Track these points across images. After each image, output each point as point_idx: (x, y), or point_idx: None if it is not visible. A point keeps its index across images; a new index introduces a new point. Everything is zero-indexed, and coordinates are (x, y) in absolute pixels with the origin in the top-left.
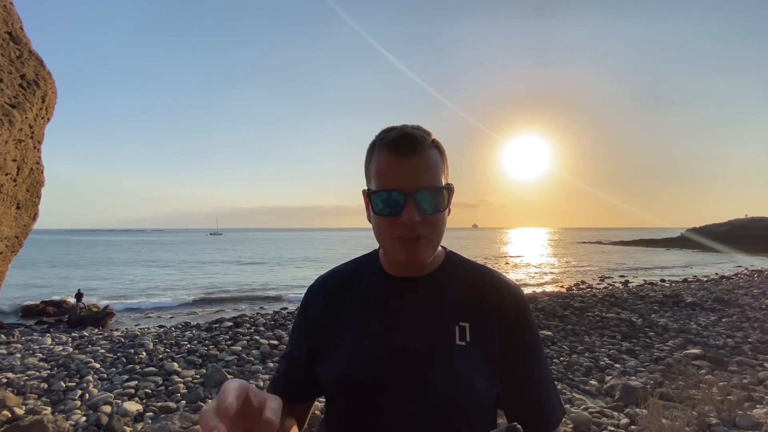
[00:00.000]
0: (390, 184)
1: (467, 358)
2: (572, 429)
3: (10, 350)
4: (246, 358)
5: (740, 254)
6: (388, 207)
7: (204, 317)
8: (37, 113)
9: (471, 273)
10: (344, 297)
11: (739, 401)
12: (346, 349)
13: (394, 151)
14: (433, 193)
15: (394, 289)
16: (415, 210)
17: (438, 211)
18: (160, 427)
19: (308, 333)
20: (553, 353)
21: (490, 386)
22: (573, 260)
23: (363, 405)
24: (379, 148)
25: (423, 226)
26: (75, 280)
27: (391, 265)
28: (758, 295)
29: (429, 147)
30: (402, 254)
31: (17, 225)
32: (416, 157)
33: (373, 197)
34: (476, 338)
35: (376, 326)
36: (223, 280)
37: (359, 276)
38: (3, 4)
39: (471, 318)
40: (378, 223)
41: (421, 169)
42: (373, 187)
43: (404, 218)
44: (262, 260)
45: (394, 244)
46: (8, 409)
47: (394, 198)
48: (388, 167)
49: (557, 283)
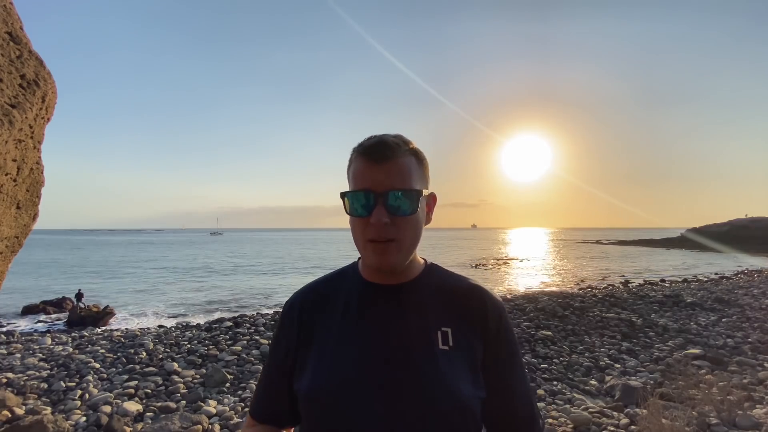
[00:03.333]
0: (362, 185)
1: (451, 362)
2: (572, 429)
3: (10, 350)
4: (246, 358)
5: (740, 254)
6: (359, 207)
7: (204, 317)
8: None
9: (452, 281)
10: (321, 309)
11: (739, 401)
12: (322, 362)
13: (368, 157)
14: (403, 195)
15: (375, 297)
16: (384, 211)
17: (408, 214)
18: (160, 427)
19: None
20: (553, 353)
21: (474, 390)
22: (573, 260)
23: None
24: (357, 153)
25: (393, 228)
26: (75, 280)
27: (370, 273)
28: (758, 295)
29: (404, 154)
30: (373, 258)
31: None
32: (389, 163)
33: (346, 197)
34: (459, 343)
35: (358, 333)
36: (224, 280)
37: (338, 287)
38: (3, 4)
39: (453, 324)
40: (353, 225)
41: (393, 173)
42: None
43: (373, 218)
44: (263, 260)
45: (367, 247)
46: (8, 409)
47: (364, 198)
48: (362, 171)
49: (557, 283)
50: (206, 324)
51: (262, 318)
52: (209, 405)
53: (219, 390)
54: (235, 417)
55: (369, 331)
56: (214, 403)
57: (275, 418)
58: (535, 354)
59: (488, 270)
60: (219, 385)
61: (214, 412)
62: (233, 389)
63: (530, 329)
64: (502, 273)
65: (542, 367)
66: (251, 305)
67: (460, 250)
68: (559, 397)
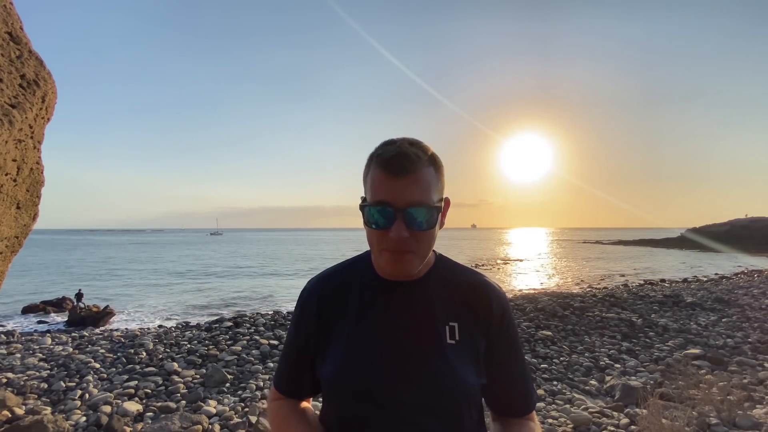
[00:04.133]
0: (382, 198)
1: (458, 355)
2: (572, 429)
3: (10, 350)
4: (246, 358)
5: (740, 254)
6: (378, 220)
7: (204, 317)
8: (37, 113)
9: (460, 276)
10: (338, 299)
11: (739, 401)
12: (343, 350)
13: (388, 170)
14: (422, 211)
15: (387, 292)
16: (403, 226)
17: (427, 229)
18: (160, 427)
19: (306, 336)
20: (553, 353)
21: (478, 379)
22: (573, 260)
23: (361, 403)
24: (375, 164)
25: (411, 241)
26: (75, 280)
27: None
28: (758, 295)
29: (423, 165)
30: (389, 266)
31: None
32: (408, 176)
33: (366, 209)
34: (464, 337)
35: (371, 327)
36: (223, 280)
37: (352, 278)
38: (3, 4)
39: (460, 319)
40: (369, 234)
41: (412, 188)
42: (368, 197)
43: (392, 233)
44: (263, 260)
45: (383, 255)
46: (8, 409)
47: (384, 212)
48: (381, 184)
49: (557, 283)
50: (206, 324)
51: (262, 318)
52: (209, 405)
53: (219, 390)
54: (235, 417)
55: (384, 325)
56: (214, 403)
57: (297, 394)
58: (535, 354)
59: (488, 270)
60: (219, 385)
61: (214, 412)
62: (233, 389)
63: (530, 329)
64: (502, 273)
65: (542, 367)
66: (251, 305)
67: (459, 251)
68: (559, 397)
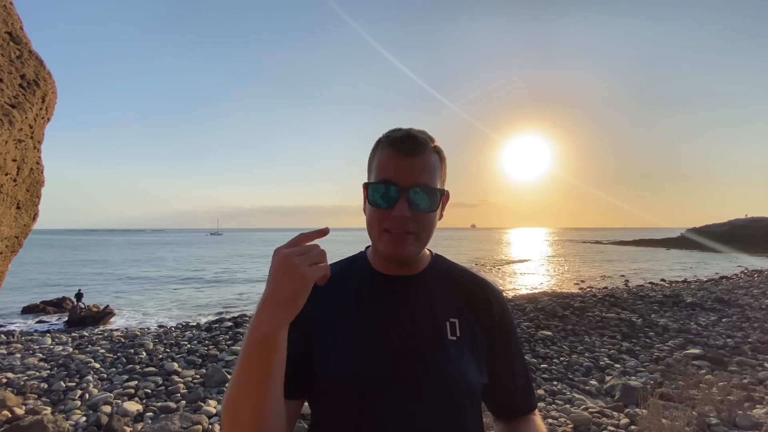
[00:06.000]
0: (387, 176)
1: (459, 352)
2: (572, 429)
3: (10, 350)
4: None
5: (740, 254)
6: (382, 199)
7: (204, 317)
8: (37, 113)
9: (457, 273)
10: (335, 296)
11: (739, 401)
12: (342, 349)
13: (397, 149)
14: (426, 192)
15: (385, 287)
16: (406, 205)
17: (429, 211)
18: (160, 427)
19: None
20: (553, 353)
21: (479, 377)
22: (573, 260)
23: (363, 402)
24: (384, 144)
25: (412, 222)
26: (75, 280)
27: (381, 264)
28: (758, 295)
29: (430, 151)
30: (388, 247)
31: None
32: (416, 158)
33: (369, 188)
34: (465, 333)
35: (371, 324)
36: (224, 280)
37: (348, 275)
38: (3, 4)
39: (460, 315)
40: (370, 214)
41: (418, 169)
42: (372, 179)
43: (395, 212)
44: (263, 260)
45: (383, 237)
46: (8, 409)
47: (388, 190)
48: (388, 162)
49: (557, 283)
50: (206, 324)
51: None
52: (209, 405)
53: (219, 390)
54: None
55: (383, 322)
56: (214, 403)
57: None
58: (535, 354)
59: (488, 270)
60: (219, 385)
61: (214, 412)
62: None
63: (530, 329)
64: (502, 273)
65: (542, 367)
66: (251, 305)
67: (459, 251)
68: (559, 397)
